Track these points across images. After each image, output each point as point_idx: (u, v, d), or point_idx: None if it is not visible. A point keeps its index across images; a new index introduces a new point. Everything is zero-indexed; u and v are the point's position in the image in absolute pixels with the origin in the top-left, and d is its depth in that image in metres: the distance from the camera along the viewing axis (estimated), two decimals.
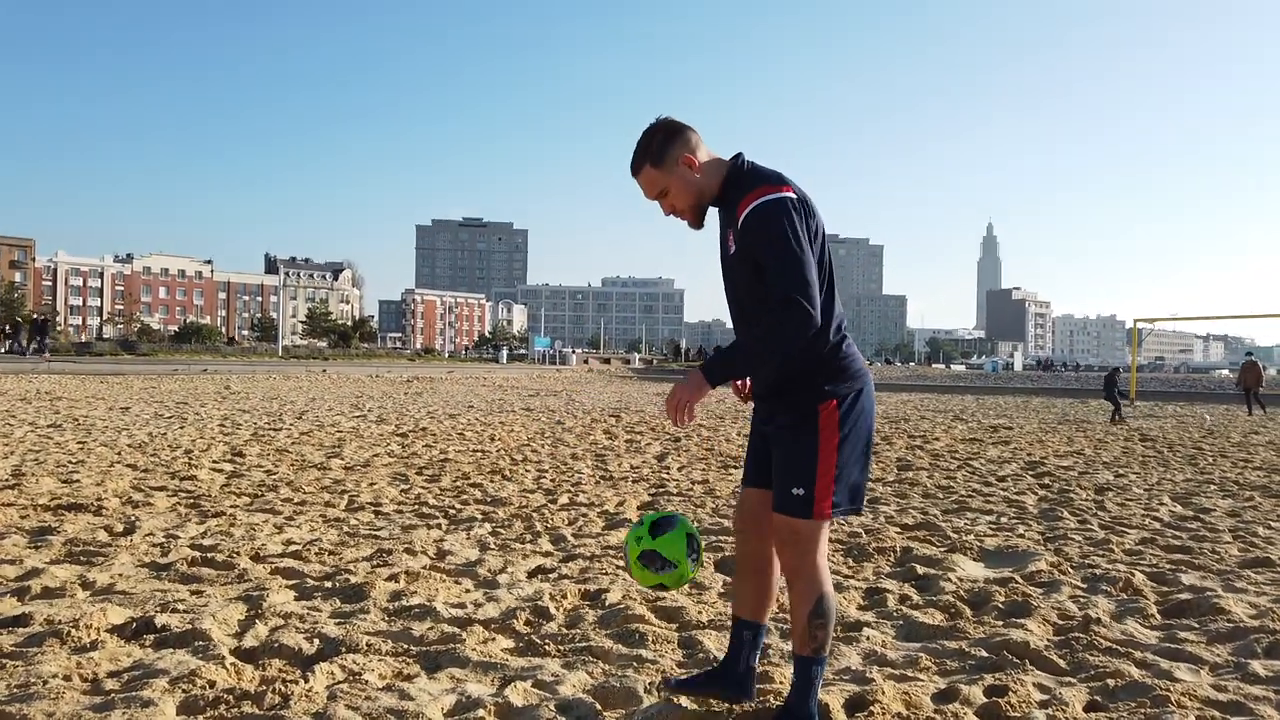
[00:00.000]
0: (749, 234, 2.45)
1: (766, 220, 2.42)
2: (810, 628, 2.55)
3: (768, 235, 2.41)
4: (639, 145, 2.62)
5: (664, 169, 2.58)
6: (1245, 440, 14.29)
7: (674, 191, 2.60)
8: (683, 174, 2.58)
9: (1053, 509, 7.00)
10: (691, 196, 2.61)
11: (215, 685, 2.92)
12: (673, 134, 2.59)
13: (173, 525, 5.83)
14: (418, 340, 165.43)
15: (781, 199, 2.44)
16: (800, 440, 2.52)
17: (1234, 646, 3.47)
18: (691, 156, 2.58)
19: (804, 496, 2.50)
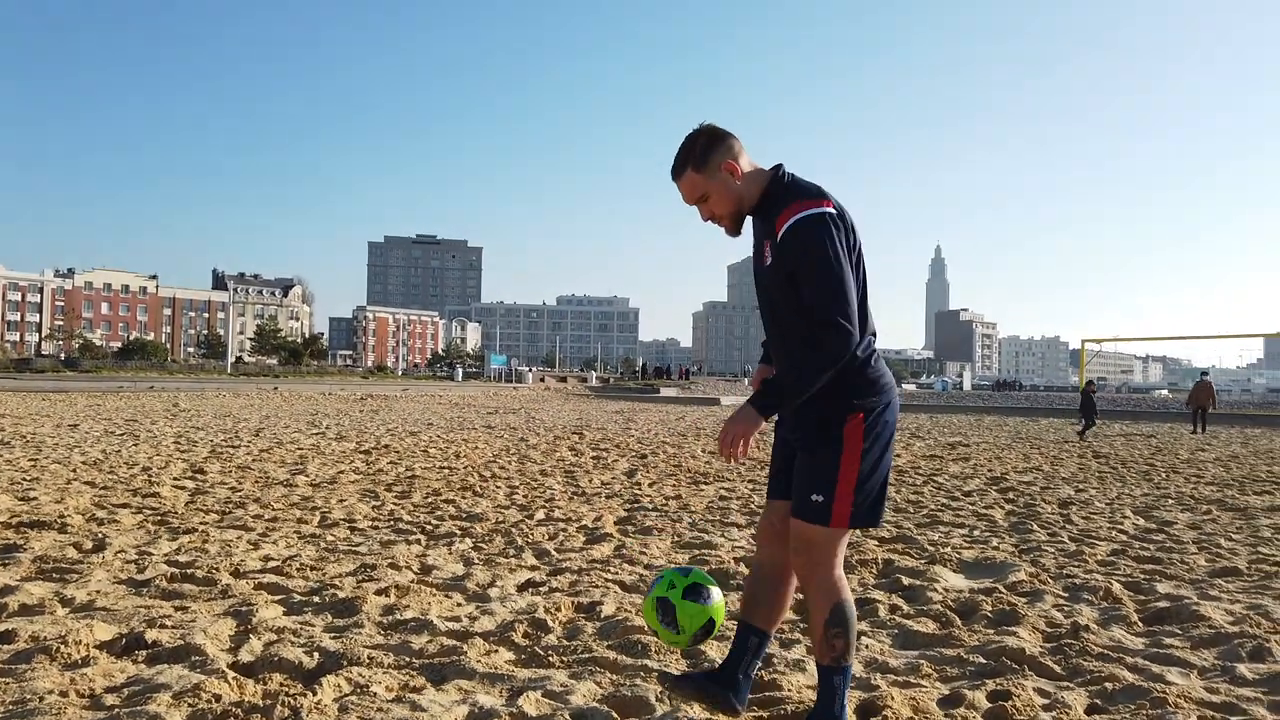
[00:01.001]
0: (787, 249, 2.45)
1: (807, 237, 2.41)
2: (828, 636, 2.54)
3: (808, 254, 2.41)
4: (682, 149, 2.59)
5: (706, 174, 2.57)
6: (1194, 457, 14.70)
7: (715, 197, 2.59)
8: (724, 180, 2.56)
9: (1022, 522, 7.14)
10: (732, 204, 2.59)
11: (221, 699, 2.86)
12: (716, 139, 2.58)
13: (144, 542, 5.69)
14: (369, 358, 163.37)
15: (821, 214, 2.43)
16: (825, 449, 2.51)
17: (1219, 651, 3.58)
18: (734, 163, 2.57)
19: (823, 504, 2.50)
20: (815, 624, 2.58)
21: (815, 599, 2.57)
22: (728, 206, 2.59)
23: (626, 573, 5.00)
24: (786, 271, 2.47)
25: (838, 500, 2.49)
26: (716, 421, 24.41)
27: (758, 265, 2.63)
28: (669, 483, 9.66)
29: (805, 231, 2.41)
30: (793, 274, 2.46)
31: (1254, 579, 5.05)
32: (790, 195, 2.51)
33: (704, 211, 2.64)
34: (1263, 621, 4.01)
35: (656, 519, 7.06)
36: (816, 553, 2.54)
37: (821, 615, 2.55)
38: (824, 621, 2.54)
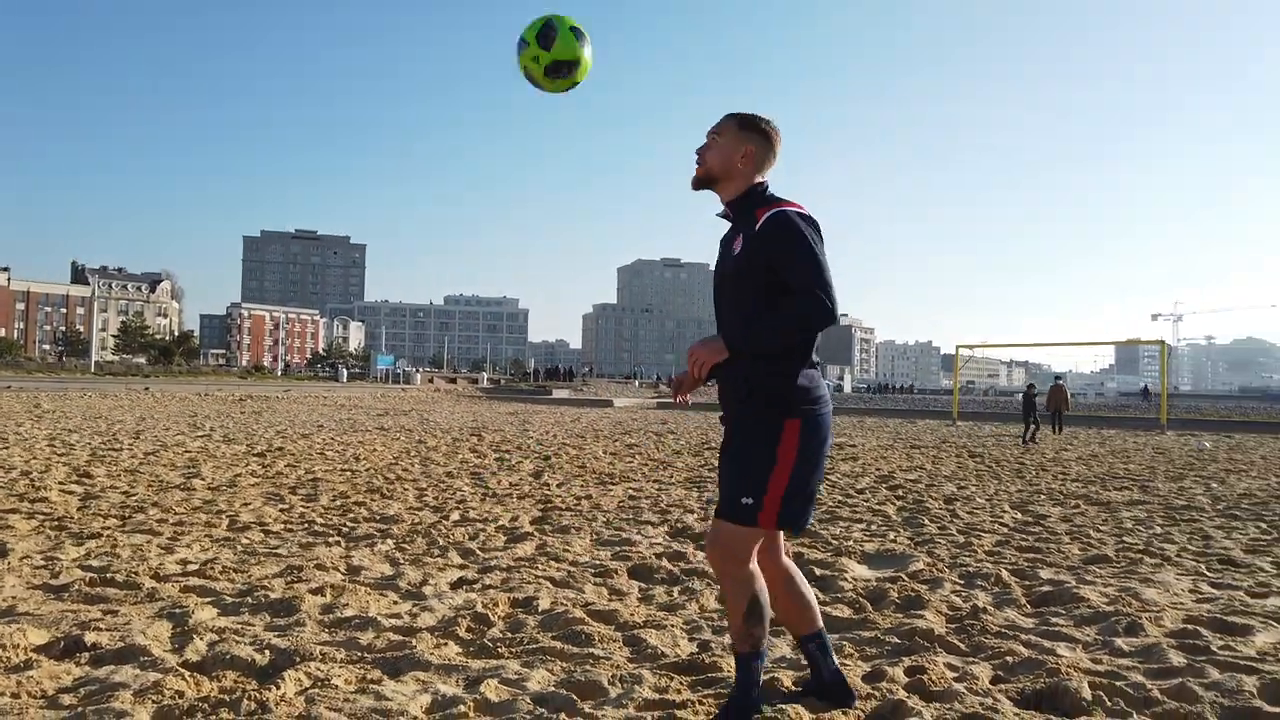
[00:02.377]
0: (768, 236, 2.64)
1: (788, 227, 2.63)
2: (747, 627, 2.68)
3: (790, 239, 2.61)
4: (753, 114, 2.88)
5: (738, 133, 2.83)
6: (1058, 456, 15.79)
7: (719, 147, 2.84)
8: (737, 148, 2.82)
9: (913, 516, 7.63)
10: (719, 163, 2.84)
11: (184, 695, 2.90)
12: (767, 134, 2.85)
13: (47, 548, 5.51)
14: (244, 357, 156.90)
15: (799, 212, 2.68)
16: (759, 449, 2.63)
17: (1099, 628, 4.01)
18: (753, 152, 2.82)
19: (751, 506, 2.61)
20: (734, 617, 2.71)
21: (733, 592, 2.70)
22: (715, 160, 2.84)
23: (554, 569, 5.15)
24: (762, 258, 2.65)
25: (767, 503, 2.61)
26: (612, 423, 24.67)
27: (723, 263, 2.83)
28: (576, 483, 9.82)
29: (786, 222, 2.64)
30: (771, 260, 2.64)
31: (1122, 565, 5.59)
32: (771, 198, 2.77)
33: (704, 147, 2.88)
34: (1133, 602, 4.49)
35: (572, 518, 7.23)
36: (737, 549, 2.67)
37: (740, 608, 2.68)
38: (744, 614, 2.68)
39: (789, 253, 2.60)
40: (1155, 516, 7.89)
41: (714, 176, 2.86)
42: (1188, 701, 3.00)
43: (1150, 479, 11.55)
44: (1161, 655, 3.55)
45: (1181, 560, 5.77)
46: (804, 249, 2.60)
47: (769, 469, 2.62)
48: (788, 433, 2.63)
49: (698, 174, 2.89)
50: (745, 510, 2.63)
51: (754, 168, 2.83)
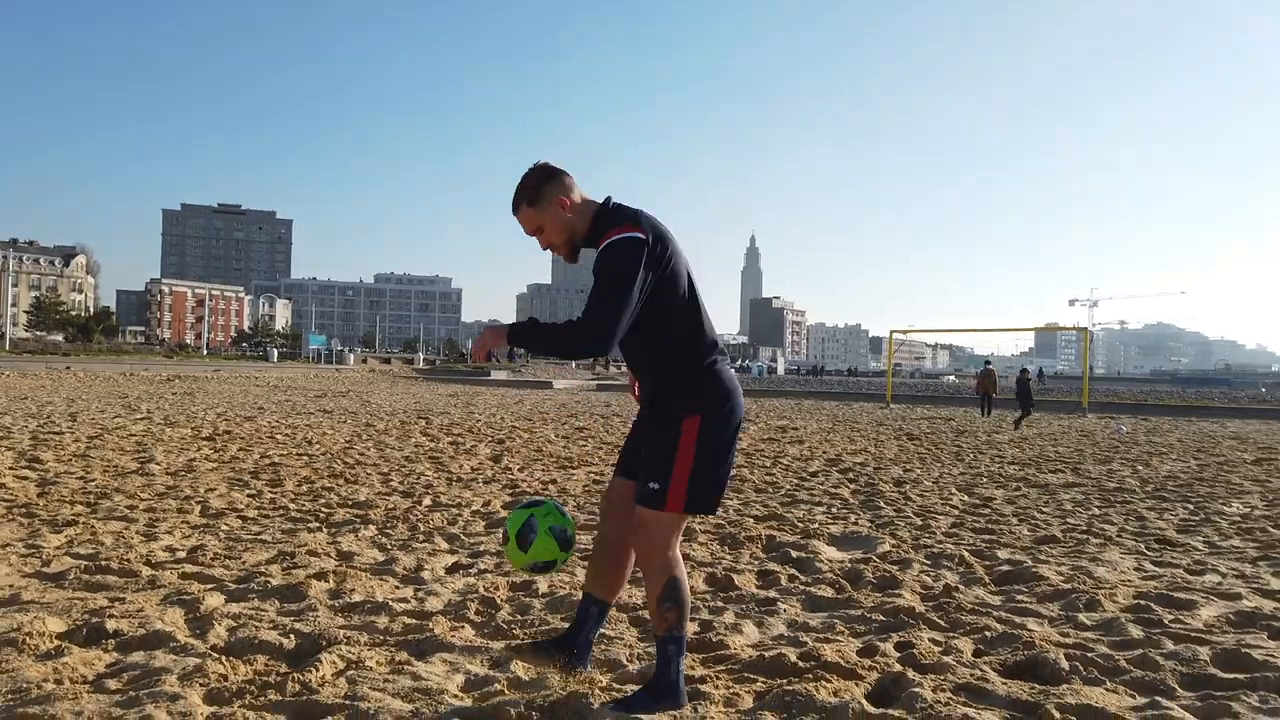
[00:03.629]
0: (596, 261, 2.75)
1: (606, 256, 2.72)
2: (661, 609, 2.82)
3: (601, 270, 2.71)
4: (519, 186, 2.88)
5: (539, 208, 2.85)
6: (991, 440, 16.45)
7: (549, 229, 2.87)
8: (556, 213, 2.85)
9: (869, 500, 7.98)
10: (564, 233, 2.88)
11: (228, 678, 3.01)
12: (548, 177, 2.87)
13: (23, 536, 5.48)
14: (165, 335, 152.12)
15: (631, 238, 2.72)
16: (664, 443, 2.83)
17: (1061, 604, 4.35)
18: (565, 198, 2.86)
19: (659, 491, 2.79)
20: (651, 598, 2.85)
21: (651, 576, 2.85)
22: (561, 235, 2.89)
23: None
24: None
25: (672, 489, 2.78)
26: (556, 406, 24.78)
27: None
28: (537, 468, 9.97)
29: (608, 251, 2.73)
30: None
31: (1070, 545, 6.00)
32: (610, 221, 2.82)
33: (542, 241, 2.93)
34: (1087, 579, 4.87)
35: None
36: (653, 534, 2.83)
37: (656, 590, 2.82)
38: (658, 596, 2.82)
39: (596, 277, 2.73)
40: (1092, 498, 8.39)
41: (570, 242, 2.92)
42: (1151, 670, 3.33)
43: (1080, 462, 12.17)
44: (1121, 628, 3.89)
45: (1123, 540, 6.21)
46: (602, 283, 2.70)
47: (672, 458, 2.80)
48: (688, 426, 2.81)
49: (565, 257, 2.97)
50: (654, 495, 2.81)
51: (576, 206, 2.89)
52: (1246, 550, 5.90)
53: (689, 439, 2.81)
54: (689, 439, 2.81)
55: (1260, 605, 4.35)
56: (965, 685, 3.14)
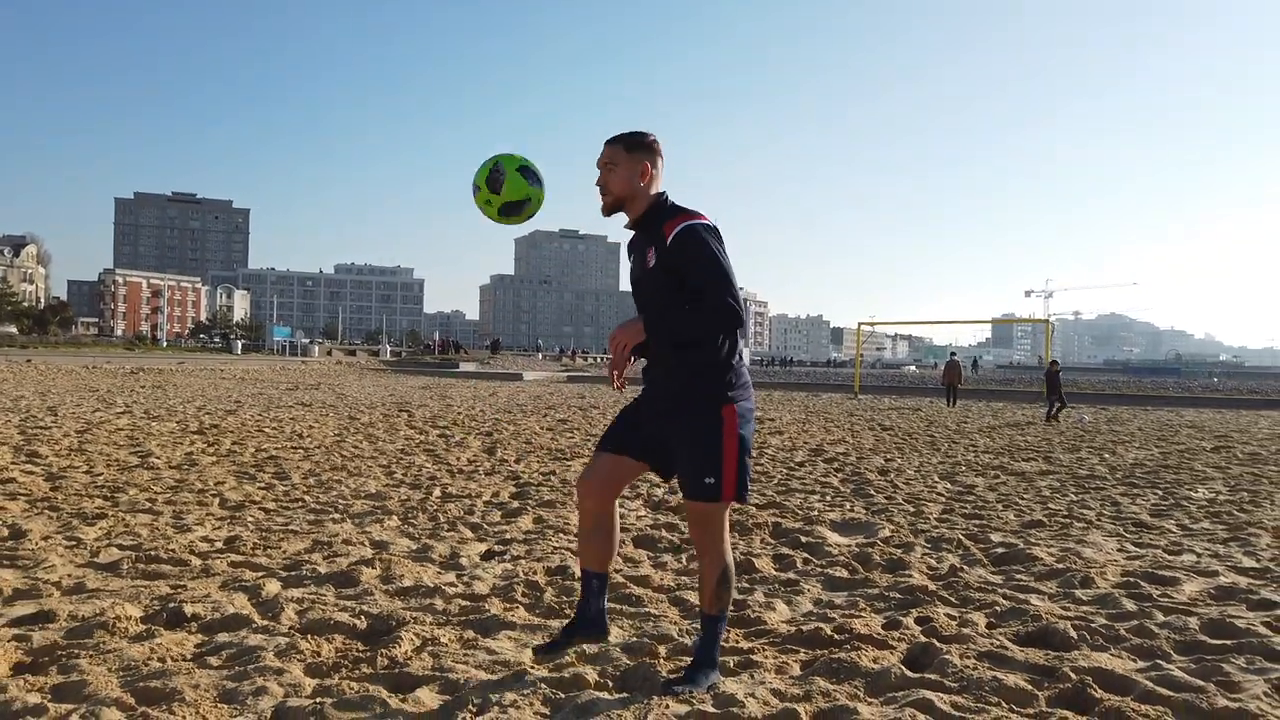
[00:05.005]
0: (679, 249, 2.90)
1: (696, 240, 2.90)
2: (718, 592, 3.05)
3: (699, 253, 2.88)
4: (632, 132, 3.11)
5: (631, 155, 3.06)
6: (960, 429, 16.97)
7: (618, 173, 3.06)
8: (633, 170, 3.06)
9: (859, 488, 8.35)
10: (623, 188, 3.06)
11: (320, 654, 3.26)
12: (654, 147, 3.10)
13: (59, 529, 5.64)
14: (118, 326, 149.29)
15: (706, 224, 2.96)
16: (708, 435, 2.96)
17: (1058, 582, 4.72)
18: (650, 168, 3.08)
19: (715, 485, 2.95)
20: (708, 583, 3.06)
21: (710, 563, 3.05)
22: (619, 188, 3.08)
23: (566, 541, 5.60)
24: (673, 269, 2.95)
25: (725, 480, 2.96)
26: (531, 398, 24.97)
27: (638, 269, 3.12)
28: (533, 460, 10.22)
29: (693, 235, 2.93)
30: (680, 271, 2.93)
31: (1055, 529, 6.40)
32: (676, 210, 3.04)
33: (602, 177, 3.11)
34: (1078, 559, 5.26)
35: (549, 493, 7.65)
36: (714, 525, 3.03)
37: (715, 576, 3.04)
38: (716, 581, 3.04)
39: (698, 265, 2.90)
40: (1067, 485, 8.84)
41: (619, 199, 3.09)
42: (1148, 638, 3.70)
43: (1050, 450, 12.69)
44: (1116, 602, 4.27)
45: (1102, 524, 6.63)
46: (711, 262, 2.90)
47: (720, 449, 2.96)
48: (727, 414, 2.98)
49: (606, 203, 3.11)
50: (710, 489, 2.97)
51: (651, 182, 3.09)
52: (1217, 532, 6.34)
53: (731, 426, 2.98)
54: (731, 426, 2.98)
55: (1236, 581, 4.76)
56: (987, 653, 3.48)
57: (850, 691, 3.07)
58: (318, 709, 2.73)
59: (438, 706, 2.85)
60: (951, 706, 2.92)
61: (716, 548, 3.06)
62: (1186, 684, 3.14)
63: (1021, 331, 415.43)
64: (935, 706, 2.90)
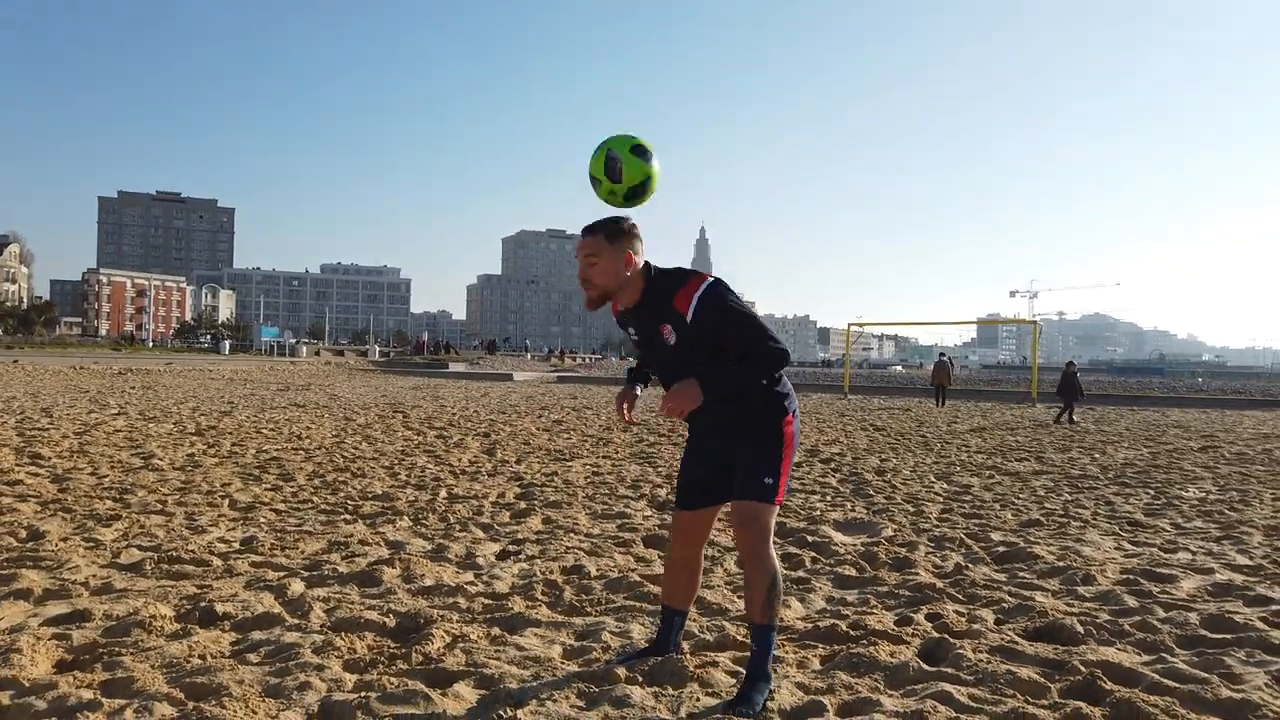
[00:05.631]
0: (706, 318, 2.94)
1: (719, 304, 2.95)
2: (769, 600, 3.04)
3: (728, 315, 2.94)
4: (608, 219, 3.07)
5: (612, 246, 3.03)
6: (951, 430, 17.15)
7: (602, 267, 3.03)
8: (617, 260, 3.03)
9: (858, 488, 8.48)
10: (610, 280, 3.04)
11: (356, 650, 3.35)
12: (633, 233, 3.07)
13: (76, 530, 5.70)
14: (103, 327, 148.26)
15: (714, 282, 2.99)
16: (770, 442, 3.07)
17: (1060, 579, 4.86)
18: (633, 255, 3.05)
19: (772, 485, 3.04)
20: (758, 592, 3.05)
21: (758, 570, 3.04)
22: (606, 280, 3.06)
23: (577, 541, 5.70)
24: (708, 336, 2.98)
25: (781, 481, 3.07)
26: (523, 398, 25.05)
27: (656, 344, 3.13)
28: (533, 460, 10.31)
29: (713, 299, 2.97)
30: (717, 335, 2.98)
31: (1053, 528, 6.55)
32: (677, 279, 3.05)
33: (584, 269, 3.08)
34: (1078, 557, 5.40)
35: (554, 494, 7.75)
36: (765, 526, 3.04)
37: (764, 583, 3.04)
38: (767, 587, 3.04)
39: (732, 327, 2.96)
40: (1062, 485, 9.01)
41: (607, 291, 3.06)
42: (1151, 633, 3.84)
43: (1042, 450, 12.87)
44: (1118, 599, 4.41)
45: (1098, 523, 6.78)
46: (742, 320, 2.96)
47: (780, 456, 3.09)
48: (788, 427, 3.14)
49: (591, 296, 3.08)
50: (768, 489, 3.05)
51: (637, 265, 3.06)
52: (1210, 530, 6.50)
53: (790, 436, 3.14)
54: (790, 436, 3.14)
55: (1232, 578, 4.91)
56: (999, 648, 3.61)
57: (871, 684, 3.19)
58: (363, 703, 2.83)
59: (477, 701, 2.95)
60: (969, 698, 3.05)
61: (764, 552, 3.06)
62: (1191, 676, 3.28)
63: (1007, 332, 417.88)
64: (954, 698, 3.02)
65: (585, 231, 3.10)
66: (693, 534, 3.32)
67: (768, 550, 3.08)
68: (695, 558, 3.36)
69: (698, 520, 3.30)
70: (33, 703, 2.81)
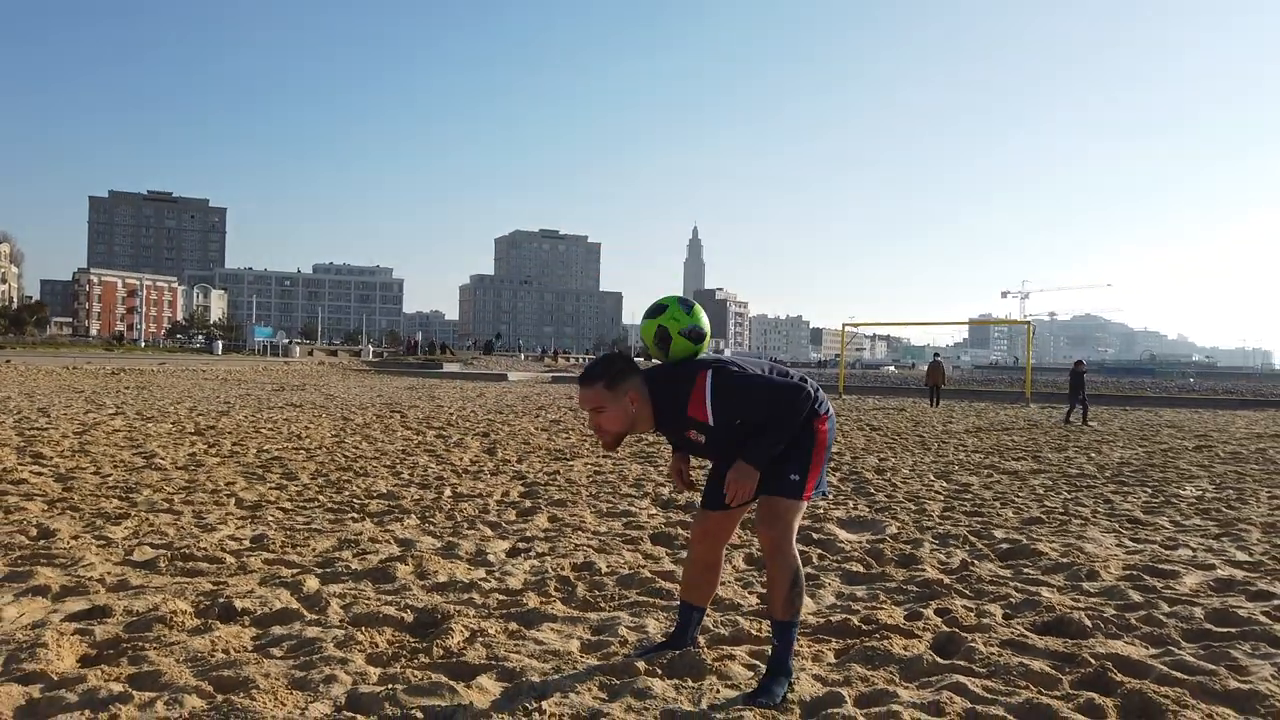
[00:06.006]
0: (727, 411, 3.01)
1: (729, 394, 3.01)
2: (791, 596, 3.08)
3: (740, 398, 3.02)
4: (602, 364, 3.10)
5: (613, 392, 3.04)
6: (948, 429, 17.23)
7: (610, 413, 3.04)
8: (624, 404, 3.04)
9: (859, 487, 8.54)
10: (623, 424, 3.06)
11: (378, 644, 3.39)
12: (631, 369, 3.09)
13: (86, 528, 5.72)
14: (93, 326, 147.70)
15: (714, 374, 3.04)
16: (805, 443, 3.12)
17: (1064, 575, 4.93)
18: (637, 394, 3.06)
19: (800, 482, 3.08)
20: (780, 588, 3.08)
21: (781, 566, 3.07)
22: (617, 425, 3.07)
23: (585, 539, 5.75)
24: (729, 418, 3.05)
25: (809, 480, 3.13)
26: (519, 399, 25.06)
27: (690, 445, 3.22)
28: (534, 459, 10.35)
29: (724, 392, 3.02)
30: (740, 416, 3.05)
31: (1054, 525, 6.62)
32: (680, 390, 3.08)
33: (593, 420, 3.10)
34: (1080, 554, 5.47)
35: (558, 493, 7.79)
36: (790, 522, 3.09)
37: (786, 579, 3.08)
38: (789, 583, 3.07)
39: (751, 404, 3.03)
40: (1060, 484, 9.09)
41: (624, 433, 3.11)
42: (1157, 626, 3.91)
43: (1038, 450, 12.96)
44: (1123, 594, 4.48)
45: (1098, 520, 6.85)
46: (756, 392, 3.03)
47: (810, 455, 3.13)
48: (820, 428, 3.18)
49: (608, 444, 3.13)
50: (795, 485, 3.10)
51: (642, 398, 3.07)
52: (1209, 528, 6.58)
53: (821, 437, 3.17)
54: (821, 437, 3.17)
55: (1233, 574, 4.98)
56: (1009, 641, 3.67)
57: (886, 676, 3.25)
58: (390, 694, 2.88)
59: (500, 693, 3.00)
60: (984, 690, 3.10)
61: (787, 549, 3.09)
62: (1199, 668, 3.35)
63: (998, 332, 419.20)
64: (969, 689, 3.08)
65: (582, 382, 3.11)
66: (718, 534, 3.37)
67: (790, 547, 3.11)
68: (716, 557, 3.41)
69: (723, 521, 3.35)
70: (63, 695, 2.85)
